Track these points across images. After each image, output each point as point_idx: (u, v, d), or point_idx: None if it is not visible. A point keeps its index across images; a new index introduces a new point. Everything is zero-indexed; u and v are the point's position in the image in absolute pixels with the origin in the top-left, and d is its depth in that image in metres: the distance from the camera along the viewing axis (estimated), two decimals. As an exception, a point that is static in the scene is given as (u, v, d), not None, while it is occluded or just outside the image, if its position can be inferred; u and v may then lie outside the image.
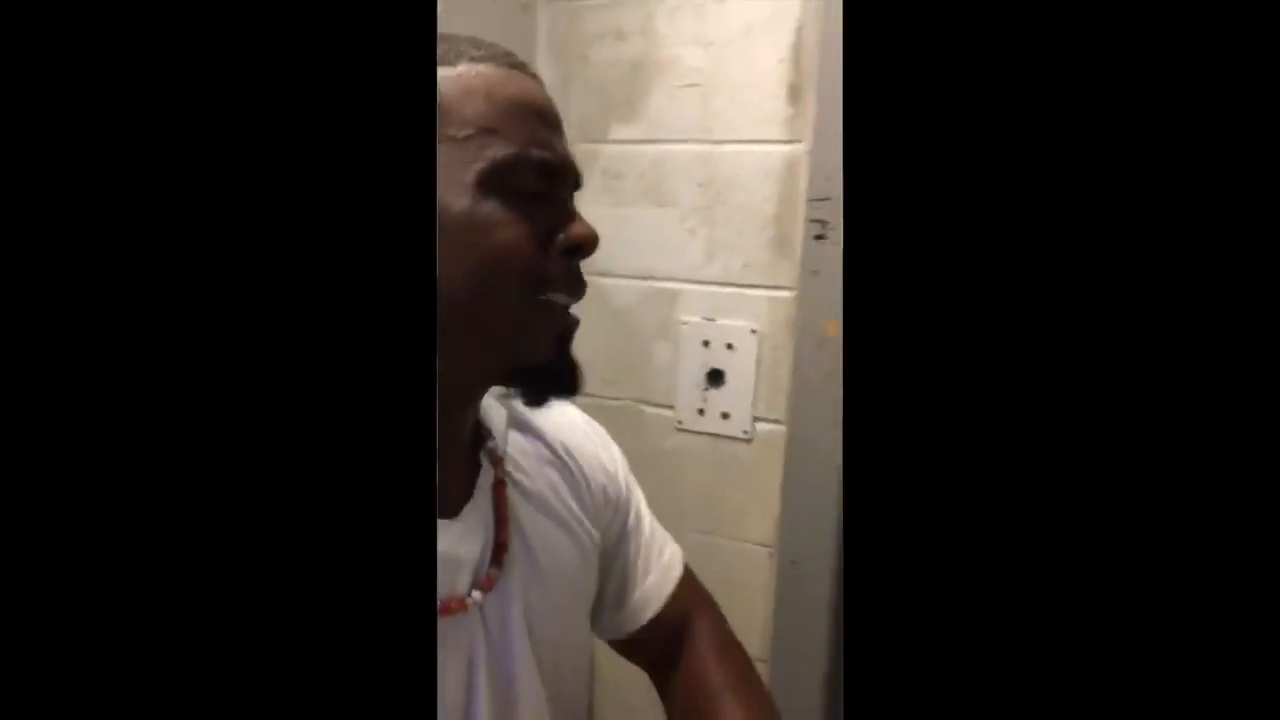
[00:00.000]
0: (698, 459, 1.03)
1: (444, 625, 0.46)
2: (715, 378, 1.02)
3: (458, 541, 0.48)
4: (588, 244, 0.45)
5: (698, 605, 0.65)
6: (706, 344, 1.02)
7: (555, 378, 0.47)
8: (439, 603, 0.46)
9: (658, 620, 0.62)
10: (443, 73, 0.43)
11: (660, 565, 0.63)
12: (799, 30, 0.92)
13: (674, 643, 0.63)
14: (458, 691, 0.48)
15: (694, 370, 1.03)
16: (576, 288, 0.47)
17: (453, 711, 0.47)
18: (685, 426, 1.05)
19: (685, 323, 1.04)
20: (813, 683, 0.97)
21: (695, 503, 1.04)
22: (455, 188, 0.42)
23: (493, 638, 0.50)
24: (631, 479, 0.64)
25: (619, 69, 1.03)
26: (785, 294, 0.97)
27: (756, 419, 1.00)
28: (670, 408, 1.06)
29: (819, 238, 0.93)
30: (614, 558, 0.62)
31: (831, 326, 0.93)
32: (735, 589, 0.99)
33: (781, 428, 0.98)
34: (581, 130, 1.06)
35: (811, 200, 0.93)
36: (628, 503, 0.63)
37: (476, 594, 0.48)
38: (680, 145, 1.02)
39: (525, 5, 1.04)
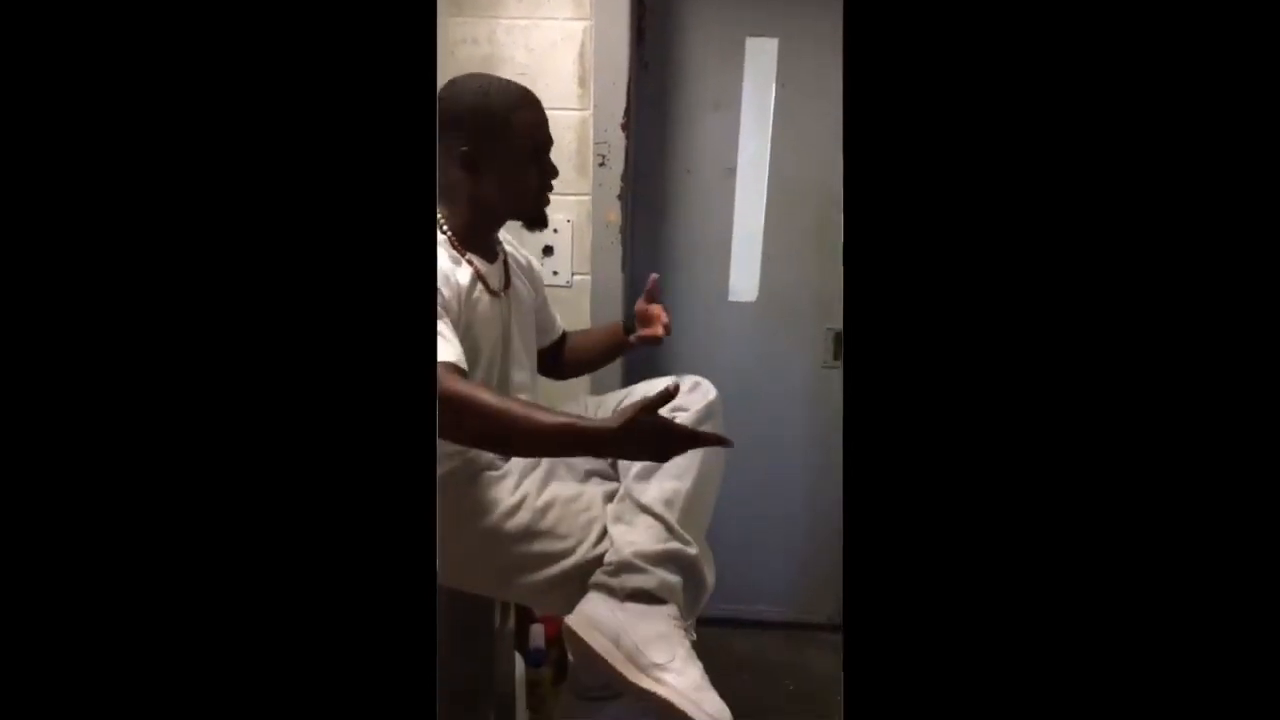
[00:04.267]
0: (541, 301, 1.65)
1: (493, 303, 1.07)
2: (548, 251, 1.63)
3: (492, 272, 1.10)
4: (553, 172, 1.10)
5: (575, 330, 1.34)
6: (541, 230, 1.65)
7: (540, 219, 1.11)
8: (493, 291, 1.07)
9: (561, 337, 1.30)
10: (511, 114, 1.03)
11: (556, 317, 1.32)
12: (582, 44, 1.55)
13: (565, 341, 1.32)
14: (497, 341, 1.09)
15: (536, 247, 1.63)
16: (551, 184, 1.10)
17: (492, 356, 1.08)
18: (532, 282, 1.67)
19: (528, 219, 1.66)
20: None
21: (541, 328, 1.67)
22: (517, 155, 1.03)
23: (506, 313, 1.12)
24: (543, 282, 1.30)
25: (474, 63, 1.60)
26: (584, 198, 1.61)
27: (574, 274, 1.65)
28: (522, 271, 1.67)
29: (601, 165, 1.58)
30: (539, 311, 1.27)
31: (611, 214, 1.60)
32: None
33: (588, 277, 1.64)
34: (455, 101, 1.63)
35: (596, 143, 1.57)
36: (542, 288, 1.29)
37: (502, 293, 1.11)
38: (518, 110, 1.62)
39: (413, 20, 1.60)
